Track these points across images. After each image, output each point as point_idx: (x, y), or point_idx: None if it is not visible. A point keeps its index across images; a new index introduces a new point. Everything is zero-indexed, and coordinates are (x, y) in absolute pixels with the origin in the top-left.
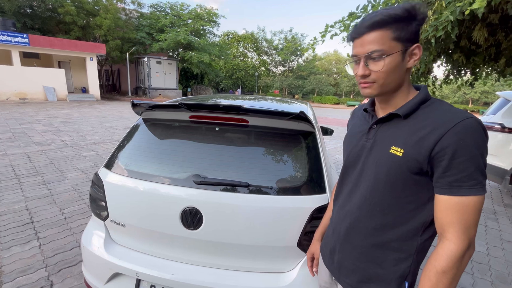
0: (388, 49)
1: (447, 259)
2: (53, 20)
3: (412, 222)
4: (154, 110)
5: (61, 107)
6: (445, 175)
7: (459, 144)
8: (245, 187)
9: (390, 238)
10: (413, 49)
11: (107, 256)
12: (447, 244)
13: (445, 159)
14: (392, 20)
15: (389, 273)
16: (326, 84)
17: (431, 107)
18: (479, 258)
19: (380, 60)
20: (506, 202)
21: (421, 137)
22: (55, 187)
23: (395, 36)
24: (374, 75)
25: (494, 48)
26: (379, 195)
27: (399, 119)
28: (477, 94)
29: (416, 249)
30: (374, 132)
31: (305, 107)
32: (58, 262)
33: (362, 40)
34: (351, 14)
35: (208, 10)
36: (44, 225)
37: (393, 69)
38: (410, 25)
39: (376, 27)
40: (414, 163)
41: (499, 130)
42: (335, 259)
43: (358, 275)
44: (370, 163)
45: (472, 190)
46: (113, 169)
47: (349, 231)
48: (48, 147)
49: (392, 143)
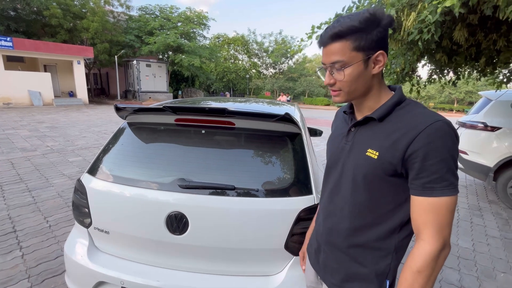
0: (348, 59)
1: (422, 259)
2: (38, 23)
3: (390, 221)
4: (138, 114)
5: (47, 111)
6: (418, 177)
7: (430, 147)
8: (231, 190)
9: (369, 238)
10: (377, 56)
11: (90, 264)
12: (422, 245)
13: (417, 161)
14: (350, 31)
15: (370, 271)
16: (317, 85)
17: (405, 110)
18: (465, 254)
19: (344, 69)
20: (490, 198)
21: (395, 140)
22: (39, 194)
23: (355, 46)
24: (338, 84)
25: (475, 48)
26: (358, 196)
27: (375, 122)
28: (462, 94)
29: (394, 247)
30: (352, 134)
31: (292, 109)
32: (41, 272)
33: (326, 50)
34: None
35: (198, 13)
36: (28, 233)
37: (355, 78)
38: (370, 34)
39: (335, 38)
40: (389, 166)
41: (482, 129)
42: (320, 259)
43: (341, 274)
44: (348, 165)
45: (445, 191)
46: (96, 174)
47: (331, 231)
48: (33, 153)
49: (368, 146)
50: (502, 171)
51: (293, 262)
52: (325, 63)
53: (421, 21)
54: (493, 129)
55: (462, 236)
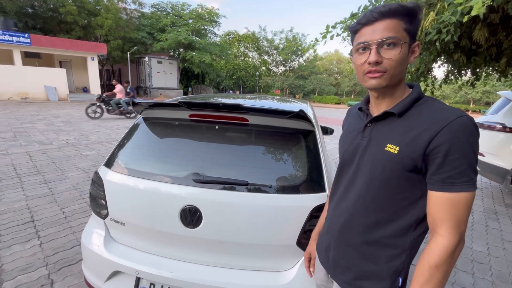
0: (402, 38)
1: (440, 254)
2: (55, 20)
3: (405, 218)
4: (154, 109)
5: (62, 106)
6: (438, 172)
7: (453, 142)
8: (245, 185)
9: (384, 235)
10: (415, 45)
11: (106, 254)
12: (439, 240)
13: (439, 156)
14: (405, 11)
15: (382, 269)
16: (327, 84)
17: (425, 105)
18: (479, 258)
19: (395, 47)
20: (507, 202)
21: (416, 135)
22: (55, 186)
23: (406, 28)
24: (386, 63)
25: (495, 48)
26: (374, 192)
27: (394, 117)
28: (478, 94)
29: (409, 245)
30: (369, 130)
31: (305, 106)
32: (58, 260)
33: (374, 27)
34: (353, 15)
35: (209, 10)
36: (45, 223)
37: (403, 59)
38: (416, 21)
39: (391, 15)
40: (409, 161)
41: (500, 130)
42: (330, 257)
43: (353, 272)
44: (365, 160)
45: (464, 187)
46: (113, 167)
47: (344, 228)
48: (49, 146)
49: (387, 141)
50: None
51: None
52: (368, 41)
53: (440, 22)
54: (511, 131)
55: (476, 239)
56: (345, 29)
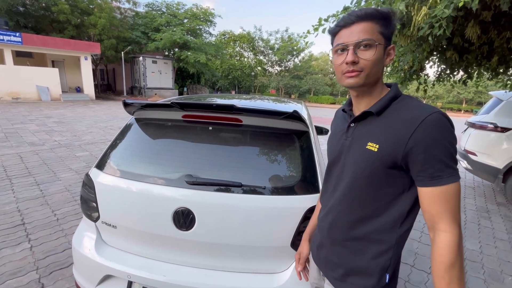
0: (376, 40)
1: (450, 251)
2: (47, 19)
3: (389, 213)
4: (146, 110)
5: (54, 106)
6: (424, 168)
7: (431, 137)
8: (238, 187)
9: (369, 230)
10: (390, 48)
11: (98, 258)
12: (445, 236)
13: (420, 152)
14: (381, 16)
15: (370, 265)
16: (322, 84)
17: (401, 103)
18: (472, 256)
19: (371, 48)
20: (499, 200)
21: (395, 133)
22: (47, 187)
23: (381, 31)
24: (362, 63)
25: (487, 46)
26: (357, 189)
27: (373, 116)
28: (470, 94)
29: (396, 240)
30: (352, 130)
31: (299, 107)
32: (49, 264)
33: (351, 29)
34: (346, 9)
35: (204, 10)
36: (36, 226)
37: (379, 60)
38: (390, 26)
39: (367, 19)
40: (388, 157)
41: (492, 130)
42: (321, 255)
43: (342, 268)
44: (349, 159)
45: (451, 178)
46: (104, 169)
47: (332, 226)
48: (41, 147)
49: (368, 140)
50: (511, 173)
51: None
52: (346, 42)
53: (432, 16)
54: (503, 130)
55: (469, 238)
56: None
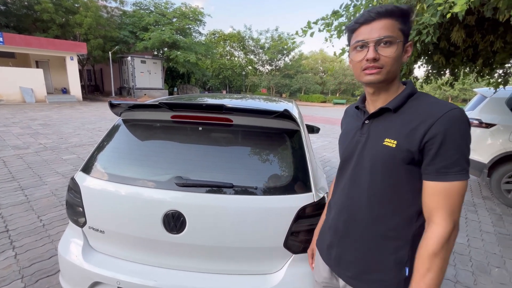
0: (397, 37)
1: (436, 242)
2: (30, 18)
3: (408, 210)
4: (134, 110)
5: (40, 108)
6: (433, 162)
7: (446, 133)
8: (229, 188)
9: (388, 228)
10: (408, 45)
11: (85, 264)
12: (435, 228)
13: (433, 147)
14: (400, 13)
15: (388, 261)
16: (313, 82)
17: (418, 100)
18: (460, 250)
19: (392, 45)
20: (484, 194)
21: (412, 128)
22: (32, 192)
23: (401, 28)
24: (383, 60)
25: (472, 49)
26: (377, 186)
27: (390, 113)
28: (456, 91)
29: (412, 235)
30: (367, 127)
31: (290, 106)
32: (35, 272)
33: (371, 26)
34: (335, 13)
35: (193, 9)
36: (21, 233)
37: (398, 57)
38: (408, 23)
39: (387, 15)
40: (407, 153)
41: (477, 126)
42: (333, 254)
43: (359, 266)
44: (365, 156)
45: (457, 176)
46: (91, 173)
47: (348, 224)
48: (25, 151)
49: (385, 136)
50: (496, 167)
51: (292, 260)
52: (366, 39)
53: (420, 23)
54: (487, 126)
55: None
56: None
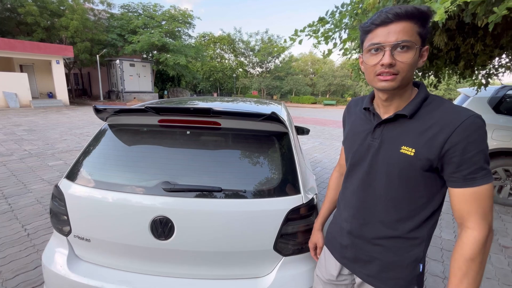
0: (415, 41)
1: (472, 246)
2: (13, 21)
3: (423, 213)
4: (120, 115)
5: (24, 114)
6: (458, 169)
7: (468, 141)
8: (218, 192)
9: (404, 230)
10: (424, 50)
11: (71, 274)
12: (470, 233)
13: (457, 155)
14: (420, 15)
15: (404, 259)
16: (303, 84)
17: (433, 105)
18: (448, 246)
19: (409, 50)
20: None
21: (431, 137)
22: (16, 201)
23: (419, 32)
24: (399, 66)
25: (454, 52)
26: (393, 192)
27: (405, 118)
28: (441, 92)
29: (427, 234)
30: (379, 131)
31: (278, 108)
32: (19, 283)
33: (389, 28)
34: (321, 19)
35: (182, 12)
36: (4, 243)
37: (415, 63)
38: (427, 26)
39: (406, 18)
40: (426, 162)
41: None
42: (348, 253)
43: (375, 265)
44: (380, 162)
45: (484, 179)
46: (75, 180)
47: (363, 227)
48: (8, 157)
49: (401, 143)
50: None
51: (282, 263)
52: (383, 43)
53: None
54: None
55: (444, 228)
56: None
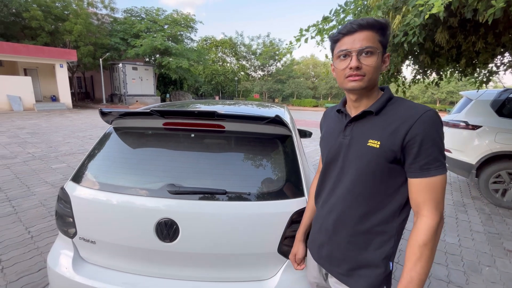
0: (377, 47)
1: (426, 233)
2: (18, 25)
3: (391, 205)
4: (125, 118)
5: (28, 117)
6: (416, 160)
7: (425, 133)
8: (222, 194)
9: (373, 223)
10: (386, 56)
11: (76, 276)
12: (424, 220)
13: (415, 146)
14: (380, 26)
15: (375, 256)
16: (305, 87)
17: (396, 103)
18: (452, 250)
19: (372, 55)
20: (474, 194)
21: (394, 129)
22: (20, 203)
23: (380, 40)
24: (365, 69)
25: (455, 49)
26: (362, 185)
27: (371, 116)
28: (443, 94)
29: (396, 230)
30: (350, 129)
31: (282, 111)
32: (23, 286)
33: (354, 37)
34: (325, 18)
35: (185, 16)
36: (8, 246)
37: (378, 66)
38: (386, 36)
39: (368, 28)
40: (390, 153)
41: (464, 127)
42: (323, 253)
43: (348, 263)
44: (350, 157)
45: (438, 170)
46: (81, 182)
47: (336, 223)
48: (12, 160)
49: (368, 137)
50: (483, 168)
51: (286, 266)
52: (349, 49)
53: (405, 24)
54: (474, 128)
55: (448, 232)
56: (318, 32)
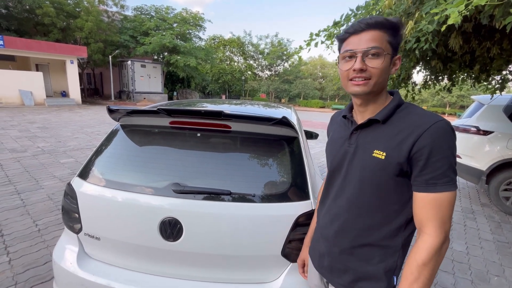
0: (385, 49)
1: (426, 252)
2: (31, 22)
3: (396, 220)
4: (132, 116)
5: (38, 111)
6: (421, 173)
7: (434, 145)
8: (227, 195)
9: (377, 237)
10: (396, 58)
11: (80, 272)
12: (426, 238)
13: (422, 159)
14: (390, 25)
15: (378, 269)
16: (312, 88)
17: (406, 111)
18: (459, 258)
19: (379, 57)
20: (483, 201)
21: (401, 140)
22: (29, 196)
23: (389, 40)
24: (370, 71)
25: (469, 55)
26: (366, 197)
27: (378, 124)
28: (454, 98)
29: (401, 244)
30: (355, 137)
31: (288, 112)
32: (29, 278)
33: (360, 36)
34: (336, 23)
35: (193, 14)
36: (16, 238)
37: (386, 69)
38: (398, 36)
39: (376, 27)
40: (396, 165)
41: (475, 133)
42: (325, 262)
43: (350, 275)
44: (354, 167)
45: (446, 187)
46: (87, 178)
47: (338, 234)
48: (22, 154)
49: (374, 147)
50: (494, 174)
51: (290, 269)
52: (354, 49)
53: (418, 30)
54: (485, 133)
55: (456, 239)
56: (329, 36)
